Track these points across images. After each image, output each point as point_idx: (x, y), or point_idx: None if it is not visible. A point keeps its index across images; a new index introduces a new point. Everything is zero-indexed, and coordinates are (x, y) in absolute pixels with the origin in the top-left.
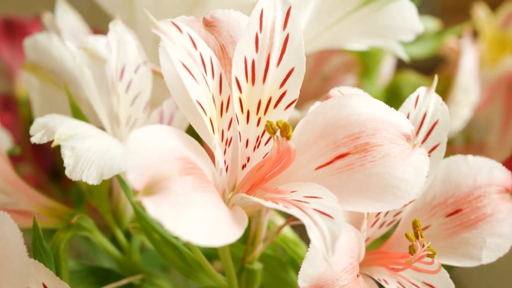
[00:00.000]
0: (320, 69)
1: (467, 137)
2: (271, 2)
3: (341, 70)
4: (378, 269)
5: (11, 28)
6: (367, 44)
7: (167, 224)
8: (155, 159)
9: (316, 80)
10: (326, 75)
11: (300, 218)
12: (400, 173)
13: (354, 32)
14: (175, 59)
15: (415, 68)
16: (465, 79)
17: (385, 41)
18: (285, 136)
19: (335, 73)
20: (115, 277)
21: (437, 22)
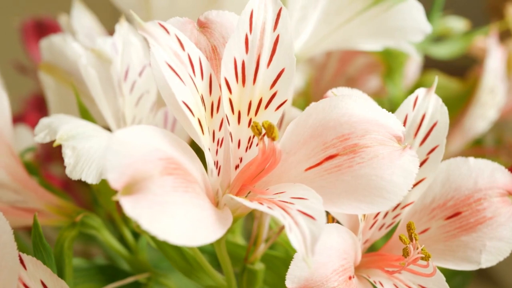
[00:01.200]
0: (344, 70)
1: (498, 138)
2: (261, 3)
3: (365, 70)
4: (375, 271)
5: (42, 28)
6: (377, 44)
7: (143, 224)
8: (136, 159)
9: (340, 80)
10: (350, 76)
11: (281, 219)
12: (388, 175)
13: (363, 33)
14: (160, 60)
15: (446, 68)
16: (490, 79)
17: (396, 42)
18: (270, 137)
19: (360, 73)
20: (124, 275)
21: (466, 22)
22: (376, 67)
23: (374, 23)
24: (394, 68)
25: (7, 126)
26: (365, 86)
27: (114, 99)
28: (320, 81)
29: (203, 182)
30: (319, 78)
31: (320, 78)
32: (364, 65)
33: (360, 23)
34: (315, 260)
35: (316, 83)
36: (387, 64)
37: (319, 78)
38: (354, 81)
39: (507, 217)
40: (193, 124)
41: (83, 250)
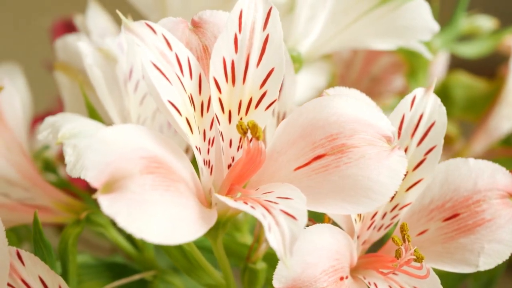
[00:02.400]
0: (369, 69)
1: None
2: (252, 3)
3: (389, 70)
4: (371, 272)
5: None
6: (386, 44)
7: (120, 222)
8: (116, 158)
9: (365, 80)
10: (374, 75)
11: (261, 219)
12: (375, 175)
13: (372, 32)
14: (145, 59)
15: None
16: None
17: (405, 41)
18: (254, 136)
19: (384, 73)
20: (131, 273)
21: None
22: (400, 67)
23: (382, 22)
24: (417, 67)
25: (19, 126)
26: (390, 86)
27: (120, 98)
28: (346, 78)
29: (192, 181)
30: (345, 76)
31: (346, 76)
32: (388, 64)
33: (368, 22)
34: (304, 260)
35: (341, 80)
36: (410, 64)
37: (345, 75)
38: (378, 81)
39: (507, 219)
40: (179, 123)
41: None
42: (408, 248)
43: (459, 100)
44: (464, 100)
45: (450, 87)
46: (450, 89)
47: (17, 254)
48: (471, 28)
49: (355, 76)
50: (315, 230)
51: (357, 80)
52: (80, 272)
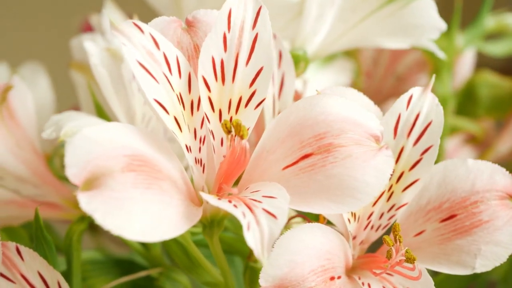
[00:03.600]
0: (394, 68)
1: None
2: (241, 2)
3: (414, 69)
4: (366, 273)
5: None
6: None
7: (97, 218)
8: (98, 155)
9: (390, 79)
10: (400, 74)
11: (240, 218)
12: (361, 175)
13: (380, 31)
14: (131, 58)
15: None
16: None
17: (414, 40)
18: (238, 135)
19: (409, 72)
20: (139, 269)
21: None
22: (425, 66)
23: (390, 21)
24: (441, 66)
25: (31, 124)
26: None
27: (126, 98)
28: (372, 77)
29: (182, 180)
30: (370, 74)
31: (371, 74)
32: (413, 63)
33: (376, 21)
34: (292, 259)
35: (368, 77)
36: (433, 63)
37: (370, 73)
38: (403, 79)
39: (505, 221)
40: (166, 122)
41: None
42: (399, 249)
43: (485, 100)
44: (489, 100)
45: (476, 86)
46: (476, 88)
47: (16, 249)
48: (499, 27)
49: (380, 75)
50: (306, 229)
51: (382, 79)
52: (88, 268)
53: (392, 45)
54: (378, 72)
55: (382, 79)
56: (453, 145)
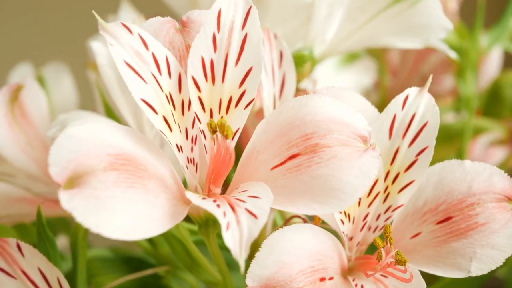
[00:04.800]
0: (418, 68)
1: None
2: (231, 3)
3: (439, 69)
4: (361, 274)
5: None
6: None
7: (77, 216)
8: (81, 154)
9: (415, 79)
10: (424, 74)
11: (219, 218)
12: (345, 175)
13: (388, 31)
14: (118, 59)
15: None
16: None
17: (423, 39)
18: (223, 135)
19: (434, 72)
20: (148, 267)
21: None
22: (450, 66)
23: (398, 20)
24: (464, 66)
25: (43, 123)
26: (440, 85)
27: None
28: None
29: (173, 179)
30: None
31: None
32: (437, 63)
33: (384, 20)
34: (280, 260)
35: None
36: (457, 63)
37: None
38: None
39: (502, 224)
40: (154, 121)
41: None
42: (390, 250)
43: (511, 100)
44: None
45: (502, 86)
46: (501, 89)
47: (17, 246)
48: None
49: (405, 75)
50: (295, 229)
51: (407, 79)
52: (97, 265)
53: (401, 44)
54: (403, 71)
55: (407, 79)
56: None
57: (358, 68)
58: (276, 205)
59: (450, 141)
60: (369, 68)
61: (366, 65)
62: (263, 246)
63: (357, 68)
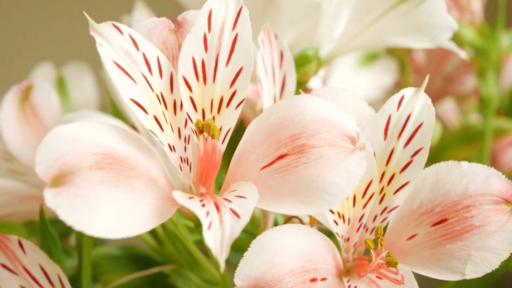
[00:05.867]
0: (441, 69)
1: None
2: (222, 3)
3: (461, 69)
4: (356, 275)
5: None
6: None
7: (60, 214)
8: (67, 153)
9: (438, 79)
10: (447, 75)
11: (201, 218)
12: (331, 176)
13: (394, 31)
14: (107, 59)
15: None
16: None
17: (430, 39)
18: (209, 134)
19: (456, 72)
20: (155, 265)
21: None
22: (472, 66)
23: (404, 20)
24: (486, 67)
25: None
26: (462, 85)
27: None
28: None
29: (165, 178)
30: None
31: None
32: (460, 63)
33: (390, 20)
34: (269, 260)
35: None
36: (479, 63)
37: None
38: (451, 80)
39: (498, 226)
40: (144, 121)
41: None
42: (380, 252)
43: None
44: None
45: None
46: None
47: (19, 242)
48: None
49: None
50: (286, 229)
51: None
52: (105, 263)
53: (407, 44)
54: (427, 71)
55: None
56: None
57: (378, 68)
58: (263, 206)
59: (472, 142)
60: (389, 68)
61: (387, 65)
62: (252, 246)
63: (377, 68)
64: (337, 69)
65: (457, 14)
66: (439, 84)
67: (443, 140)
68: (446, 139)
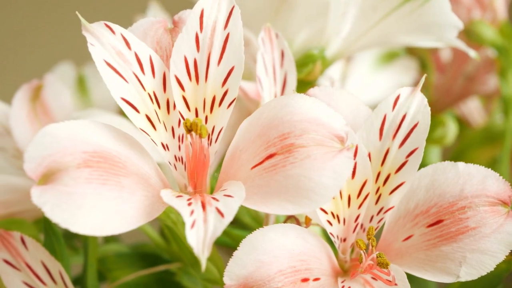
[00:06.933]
0: (463, 68)
1: None
2: (215, 2)
3: (482, 69)
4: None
5: None
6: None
7: (46, 211)
8: (56, 151)
9: (460, 78)
10: (469, 74)
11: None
12: (317, 176)
13: (401, 29)
14: (98, 58)
15: None
16: None
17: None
18: (197, 133)
19: (478, 71)
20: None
21: None
22: (493, 66)
23: (410, 19)
24: (506, 66)
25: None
26: (484, 85)
27: None
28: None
29: (158, 177)
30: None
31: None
32: (481, 63)
33: (397, 19)
34: (259, 259)
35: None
36: (500, 62)
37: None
38: (473, 79)
39: (494, 228)
40: (135, 120)
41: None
42: (371, 252)
43: None
44: None
45: None
46: None
47: (21, 239)
48: None
49: (451, 74)
50: (278, 229)
51: (452, 78)
52: (113, 260)
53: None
54: (448, 72)
55: (452, 79)
56: None
57: (397, 67)
58: (251, 205)
59: (494, 142)
60: (409, 67)
61: (406, 64)
62: (242, 245)
63: (396, 67)
64: (355, 69)
65: (480, 13)
66: (462, 83)
67: (465, 140)
68: (469, 139)
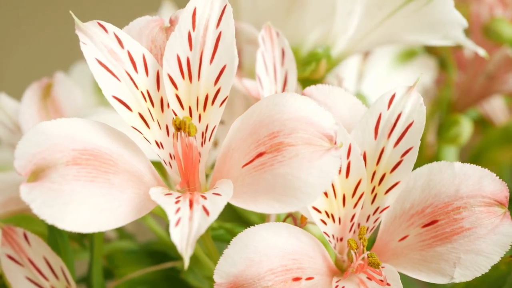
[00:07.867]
0: (483, 67)
1: None
2: (208, 1)
3: (503, 68)
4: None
5: None
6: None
7: (33, 208)
8: (46, 148)
9: (480, 78)
10: (490, 73)
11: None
12: (304, 175)
13: (407, 28)
14: (89, 57)
15: None
16: None
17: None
18: (185, 132)
19: (498, 71)
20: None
21: None
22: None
23: (416, 18)
24: None
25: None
26: (506, 84)
27: None
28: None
29: (152, 175)
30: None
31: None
32: (502, 61)
33: (402, 18)
34: (249, 257)
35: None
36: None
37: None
38: (493, 78)
39: (489, 229)
40: (127, 118)
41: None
42: (362, 252)
43: None
44: None
45: None
46: None
47: (24, 235)
48: None
49: (471, 73)
50: (270, 228)
51: (473, 77)
52: (121, 256)
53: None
54: (470, 71)
55: (473, 78)
56: None
57: (415, 66)
58: (241, 203)
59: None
60: (428, 66)
61: (425, 63)
62: (233, 243)
63: (415, 66)
64: (372, 68)
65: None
66: (482, 82)
67: (485, 140)
68: (488, 138)
